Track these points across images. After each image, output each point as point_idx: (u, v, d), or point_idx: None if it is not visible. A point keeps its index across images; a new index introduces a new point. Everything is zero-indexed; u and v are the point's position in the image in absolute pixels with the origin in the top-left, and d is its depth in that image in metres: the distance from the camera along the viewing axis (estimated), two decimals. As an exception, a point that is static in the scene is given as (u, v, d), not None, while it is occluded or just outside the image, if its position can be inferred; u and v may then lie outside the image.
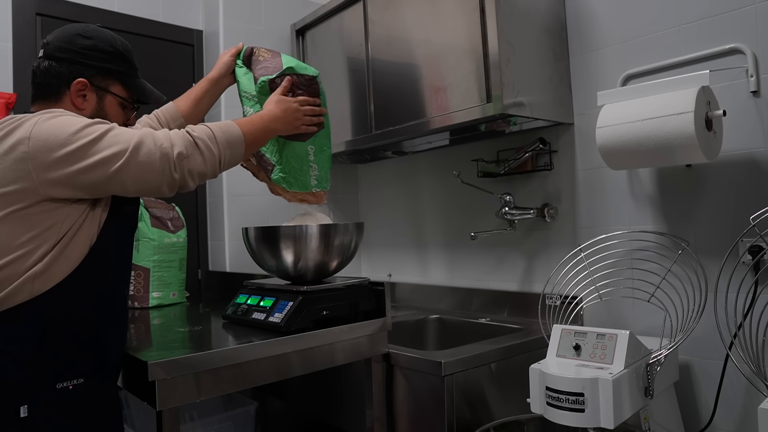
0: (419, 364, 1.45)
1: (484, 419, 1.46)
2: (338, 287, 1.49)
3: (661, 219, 1.63)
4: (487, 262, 2.12)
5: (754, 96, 1.44)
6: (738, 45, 1.46)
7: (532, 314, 1.90)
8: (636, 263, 1.63)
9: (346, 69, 2.24)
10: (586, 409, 1.13)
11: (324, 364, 1.42)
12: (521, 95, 1.67)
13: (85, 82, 1.20)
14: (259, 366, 1.30)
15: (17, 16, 2.09)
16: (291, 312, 1.38)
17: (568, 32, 1.85)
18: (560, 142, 1.87)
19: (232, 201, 2.37)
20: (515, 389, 1.55)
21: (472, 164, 2.14)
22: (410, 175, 2.45)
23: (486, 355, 1.50)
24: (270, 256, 1.50)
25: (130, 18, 2.35)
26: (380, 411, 1.52)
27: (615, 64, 1.72)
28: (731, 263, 1.42)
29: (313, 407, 1.80)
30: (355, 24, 2.19)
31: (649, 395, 1.24)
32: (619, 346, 1.20)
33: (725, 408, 1.49)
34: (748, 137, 1.46)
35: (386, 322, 1.53)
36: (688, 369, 1.57)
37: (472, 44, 1.71)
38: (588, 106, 1.79)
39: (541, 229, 1.94)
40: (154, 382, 1.14)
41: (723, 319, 1.44)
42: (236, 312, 1.55)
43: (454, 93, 1.78)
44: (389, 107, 2.03)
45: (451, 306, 2.21)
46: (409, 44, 1.94)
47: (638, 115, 1.42)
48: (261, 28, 2.49)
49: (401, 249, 2.50)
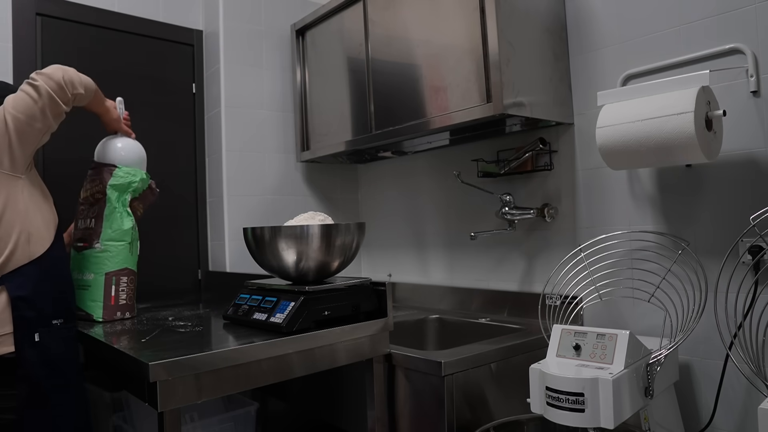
0: (419, 364, 1.45)
1: (484, 419, 1.47)
2: (340, 287, 1.49)
3: (661, 219, 1.63)
4: (487, 262, 2.12)
5: (754, 96, 1.44)
6: (738, 45, 1.46)
7: (532, 314, 1.90)
8: (636, 263, 1.63)
9: (346, 69, 2.24)
10: (586, 409, 1.13)
11: (325, 364, 1.42)
12: (521, 95, 1.68)
13: None
14: (260, 367, 1.30)
15: (17, 16, 2.08)
16: (293, 312, 1.38)
17: (568, 32, 1.85)
18: (560, 142, 1.88)
19: (232, 201, 2.37)
20: (515, 389, 1.56)
21: (472, 164, 2.14)
22: (410, 175, 2.45)
23: (486, 355, 1.50)
24: (271, 256, 1.50)
25: (130, 18, 2.35)
26: (381, 411, 1.52)
27: (615, 64, 1.72)
28: (731, 263, 1.43)
29: (314, 408, 1.81)
30: (355, 24, 2.19)
31: (649, 395, 1.24)
32: (619, 346, 1.21)
33: (725, 408, 1.50)
34: (748, 137, 1.46)
35: (388, 323, 1.53)
36: (688, 369, 1.57)
37: (472, 44, 1.71)
38: (588, 106, 1.80)
39: (541, 229, 1.94)
40: (156, 383, 1.14)
41: (723, 319, 1.44)
42: (237, 312, 1.55)
43: (454, 93, 1.78)
44: (389, 107, 2.03)
45: (451, 306, 2.21)
46: (409, 44, 1.94)
47: (638, 115, 1.43)
48: (261, 28, 2.50)
49: (401, 249, 2.50)
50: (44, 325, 1.43)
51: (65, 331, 1.49)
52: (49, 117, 1.48)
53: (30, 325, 1.40)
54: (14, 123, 1.43)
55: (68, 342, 1.50)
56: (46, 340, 1.43)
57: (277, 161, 2.51)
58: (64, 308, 1.51)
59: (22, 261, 1.42)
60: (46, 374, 1.42)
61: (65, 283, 1.55)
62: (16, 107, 1.44)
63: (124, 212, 1.72)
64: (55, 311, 1.47)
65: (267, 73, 2.50)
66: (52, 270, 1.49)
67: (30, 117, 1.45)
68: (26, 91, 1.46)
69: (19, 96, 1.46)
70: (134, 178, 1.74)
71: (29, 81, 1.47)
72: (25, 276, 1.42)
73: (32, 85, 1.46)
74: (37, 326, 1.41)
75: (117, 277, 1.70)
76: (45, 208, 1.52)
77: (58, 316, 1.48)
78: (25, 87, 1.46)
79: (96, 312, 1.68)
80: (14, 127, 1.43)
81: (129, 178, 1.73)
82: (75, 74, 1.54)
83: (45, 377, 1.41)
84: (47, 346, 1.43)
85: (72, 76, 1.52)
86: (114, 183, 1.71)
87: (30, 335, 1.40)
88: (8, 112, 1.44)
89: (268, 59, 2.51)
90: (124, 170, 1.74)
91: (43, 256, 1.46)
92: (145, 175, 1.78)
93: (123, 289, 1.72)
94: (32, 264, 1.44)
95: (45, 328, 1.43)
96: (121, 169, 1.74)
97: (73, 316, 1.55)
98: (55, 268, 1.51)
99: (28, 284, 1.41)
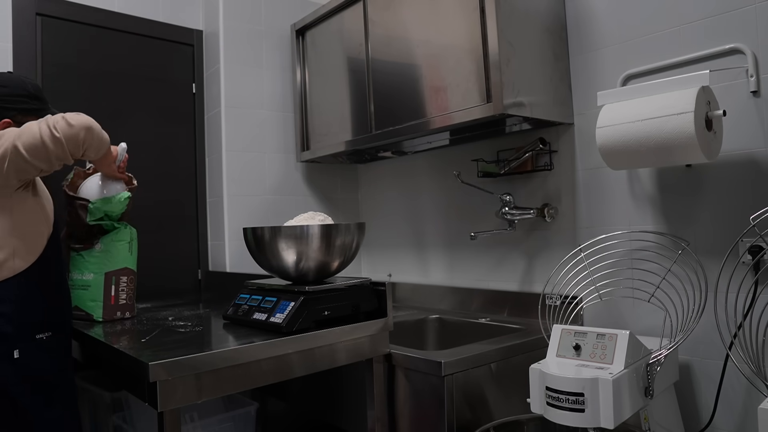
0: (419, 364, 1.45)
1: (484, 419, 1.47)
2: (340, 287, 1.49)
3: (661, 219, 1.63)
4: (487, 262, 2.12)
5: (754, 96, 1.44)
6: (738, 45, 1.46)
7: (532, 314, 1.90)
8: (636, 263, 1.63)
9: (346, 69, 2.24)
10: (586, 409, 1.13)
11: (325, 364, 1.42)
12: (521, 95, 1.68)
13: (9, 121, 1.50)
14: (260, 367, 1.30)
15: (17, 16, 2.08)
16: (293, 312, 1.38)
17: (568, 32, 1.85)
18: (560, 142, 1.88)
19: (232, 201, 2.37)
20: (515, 389, 1.56)
21: (472, 164, 2.14)
22: (410, 175, 2.45)
23: (486, 355, 1.50)
24: (271, 257, 1.50)
25: (130, 18, 2.35)
26: (381, 411, 1.52)
27: (615, 64, 1.72)
28: (731, 263, 1.43)
29: (314, 408, 1.81)
30: (355, 24, 2.19)
31: (649, 395, 1.24)
32: (619, 346, 1.21)
33: (725, 408, 1.50)
34: (748, 137, 1.46)
35: (388, 323, 1.53)
36: (688, 369, 1.57)
37: (472, 44, 1.71)
38: (588, 106, 1.80)
39: (541, 229, 1.94)
40: (156, 383, 1.14)
41: (723, 319, 1.44)
42: (237, 312, 1.55)
43: (454, 93, 1.78)
44: (389, 107, 2.03)
45: (451, 306, 2.21)
46: (409, 44, 1.94)
47: (638, 115, 1.42)
48: (261, 28, 2.50)
49: (401, 249, 2.50)
50: (26, 340, 1.39)
51: (53, 345, 1.45)
52: (54, 164, 1.43)
53: (8, 340, 1.36)
54: (16, 158, 1.37)
55: (55, 356, 1.46)
56: (27, 355, 1.39)
57: (277, 161, 2.51)
58: (55, 321, 1.47)
59: (6, 275, 1.38)
60: (23, 391, 1.37)
61: (57, 294, 1.51)
62: (26, 146, 1.36)
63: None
64: (41, 325, 1.43)
65: (267, 73, 2.50)
66: (41, 282, 1.45)
67: (36, 159, 1.38)
68: (43, 136, 1.37)
69: (33, 134, 1.37)
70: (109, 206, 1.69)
71: (51, 126, 1.38)
72: (6, 291, 1.38)
73: (52, 133, 1.38)
74: (17, 342, 1.37)
75: (117, 276, 1.70)
76: (37, 220, 1.48)
77: (45, 329, 1.44)
78: (45, 130, 1.38)
79: (96, 312, 1.68)
80: (15, 164, 1.37)
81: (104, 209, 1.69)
82: (96, 137, 1.48)
83: (22, 394, 1.37)
84: (27, 362, 1.39)
85: (92, 139, 1.46)
86: (91, 219, 1.68)
87: (8, 352, 1.36)
88: (17, 146, 1.37)
89: (268, 59, 2.51)
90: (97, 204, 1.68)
91: (30, 269, 1.43)
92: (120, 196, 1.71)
93: (123, 289, 1.72)
94: (15, 278, 1.40)
95: (26, 343, 1.39)
96: (94, 203, 1.68)
97: (65, 328, 1.51)
98: (45, 280, 1.47)
99: (8, 299, 1.37)
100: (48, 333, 1.44)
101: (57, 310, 1.50)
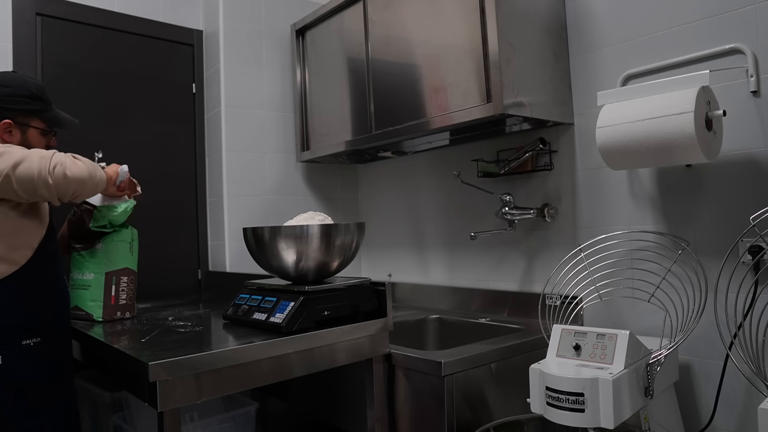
0: (419, 364, 1.45)
1: (484, 419, 1.47)
2: (339, 287, 1.49)
3: (661, 219, 1.63)
4: (487, 262, 2.12)
5: (754, 96, 1.44)
6: (738, 45, 1.46)
7: (532, 314, 1.90)
8: (636, 263, 1.63)
9: (346, 69, 2.24)
10: (586, 409, 1.13)
11: (325, 364, 1.42)
12: (521, 95, 1.67)
13: (10, 123, 1.50)
14: (260, 367, 1.30)
15: (17, 16, 2.09)
16: (292, 312, 1.38)
17: (568, 32, 1.85)
18: (560, 142, 1.88)
19: (232, 201, 2.37)
20: (515, 389, 1.56)
21: (471, 164, 2.14)
22: (410, 175, 2.45)
23: (486, 355, 1.50)
24: (271, 256, 1.50)
25: (130, 18, 2.35)
26: (381, 411, 1.52)
27: (615, 64, 1.72)
28: (731, 263, 1.42)
29: (313, 408, 1.80)
30: (355, 24, 2.19)
31: (649, 395, 1.24)
32: (619, 346, 1.21)
33: (725, 408, 1.50)
34: (748, 137, 1.46)
35: (387, 323, 1.53)
36: (688, 369, 1.57)
37: (472, 44, 1.71)
38: (588, 106, 1.79)
39: (541, 229, 1.94)
40: (156, 383, 1.14)
41: (723, 319, 1.44)
42: (237, 312, 1.55)
43: (454, 93, 1.78)
44: (389, 107, 2.03)
45: (451, 306, 2.21)
46: (409, 44, 1.94)
47: (638, 115, 1.42)
48: (261, 28, 2.50)
49: (401, 249, 2.50)
50: (9, 346, 1.37)
51: (42, 350, 1.43)
52: (38, 200, 1.44)
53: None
54: (6, 185, 1.36)
55: (43, 362, 1.43)
56: (11, 362, 1.37)
57: (277, 161, 2.51)
58: (45, 326, 1.45)
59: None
60: (5, 398, 1.36)
61: (52, 296, 1.49)
62: (19, 179, 1.36)
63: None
64: (28, 330, 1.41)
65: (267, 73, 2.50)
66: (30, 286, 1.43)
67: (23, 192, 1.38)
68: (37, 177, 1.37)
69: (30, 171, 1.37)
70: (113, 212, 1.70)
71: (49, 171, 1.38)
72: None
73: (46, 180, 1.37)
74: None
75: (117, 276, 1.70)
76: (26, 223, 1.45)
77: (33, 335, 1.42)
78: (42, 173, 1.37)
79: (96, 312, 1.68)
80: (2, 187, 1.37)
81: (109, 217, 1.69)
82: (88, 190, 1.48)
83: (3, 401, 1.35)
84: (10, 369, 1.36)
85: (83, 192, 1.47)
86: (95, 225, 1.69)
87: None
88: (10, 175, 1.36)
89: (268, 59, 2.51)
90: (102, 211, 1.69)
91: (15, 274, 1.41)
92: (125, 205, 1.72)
93: (123, 289, 1.72)
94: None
95: (10, 350, 1.37)
96: (100, 210, 1.69)
97: (60, 330, 1.49)
98: (35, 284, 1.45)
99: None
100: (36, 339, 1.42)
101: (50, 313, 1.47)
